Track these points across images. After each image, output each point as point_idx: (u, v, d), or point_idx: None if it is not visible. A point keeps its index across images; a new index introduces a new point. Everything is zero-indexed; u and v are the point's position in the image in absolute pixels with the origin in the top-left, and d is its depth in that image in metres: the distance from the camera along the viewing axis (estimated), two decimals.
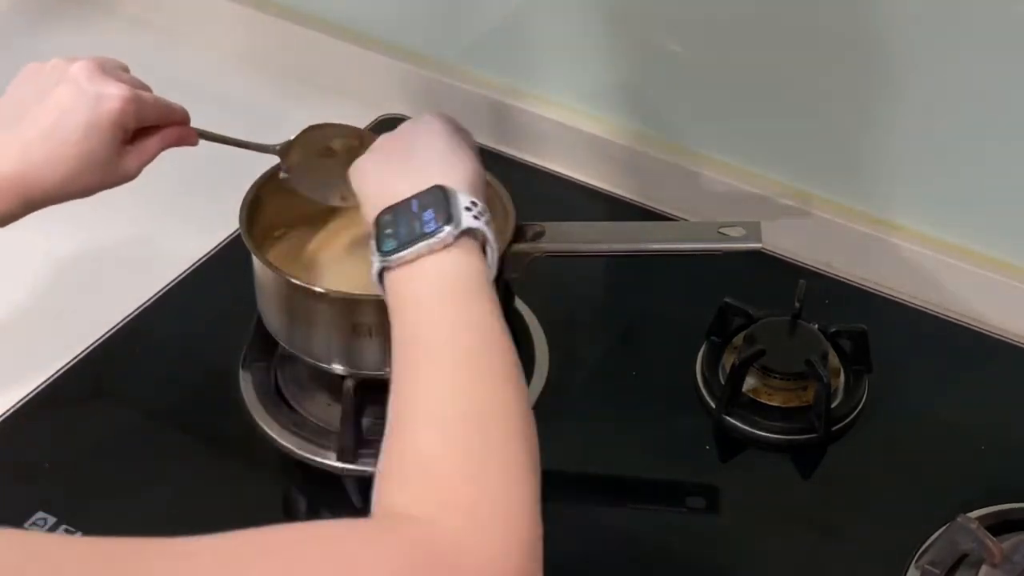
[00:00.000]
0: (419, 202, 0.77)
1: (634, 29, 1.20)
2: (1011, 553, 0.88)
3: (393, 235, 0.76)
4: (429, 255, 0.75)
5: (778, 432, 1.02)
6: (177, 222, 1.21)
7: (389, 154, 0.85)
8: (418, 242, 0.75)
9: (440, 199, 0.77)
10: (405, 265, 0.75)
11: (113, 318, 1.09)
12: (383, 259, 0.76)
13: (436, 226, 0.75)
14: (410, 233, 0.76)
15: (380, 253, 0.76)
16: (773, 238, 1.12)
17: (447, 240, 0.75)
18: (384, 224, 0.77)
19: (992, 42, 1.03)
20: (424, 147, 0.84)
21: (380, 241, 0.76)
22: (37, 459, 0.98)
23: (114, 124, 0.87)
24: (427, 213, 0.76)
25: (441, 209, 0.76)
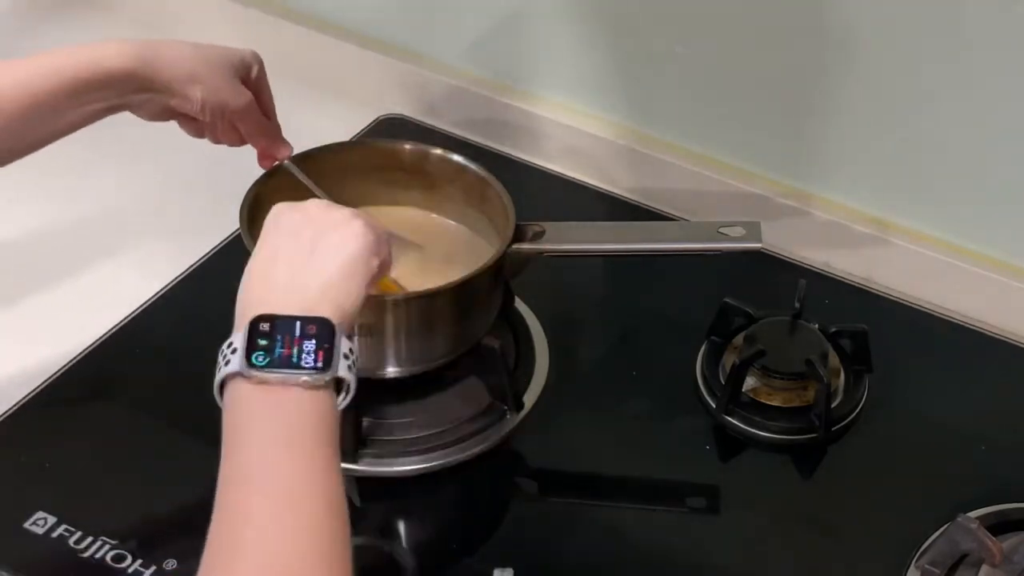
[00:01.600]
0: (302, 328, 0.73)
1: (634, 29, 1.20)
2: (1011, 553, 0.88)
3: (267, 349, 0.71)
4: (294, 387, 0.71)
5: (778, 432, 1.02)
6: (177, 222, 1.21)
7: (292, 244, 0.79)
8: (292, 371, 0.71)
9: (325, 335, 0.73)
10: (265, 385, 0.71)
11: (113, 318, 1.09)
12: (248, 368, 0.71)
13: (312, 363, 0.72)
14: (285, 358, 0.71)
15: (247, 362, 0.71)
16: (773, 238, 1.12)
17: (318, 383, 0.72)
18: (260, 333, 0.72)
19: (992, 44, 1.03)
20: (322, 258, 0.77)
21: (250, 349, 0.71)
22: (37, 459, 0.98)
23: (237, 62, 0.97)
24: (308, 344, 0.72)
25: (323, 347, 0.72)
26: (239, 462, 0.70)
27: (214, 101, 0.95)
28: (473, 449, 0.99)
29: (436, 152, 1.06)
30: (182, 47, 0.94)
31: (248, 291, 0.78)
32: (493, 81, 1.31)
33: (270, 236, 0.80)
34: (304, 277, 0.77)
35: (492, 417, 1.00)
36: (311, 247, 0.78)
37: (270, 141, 1.00)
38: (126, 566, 0.90)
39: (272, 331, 0.73)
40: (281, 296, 0.75)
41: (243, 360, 0.71)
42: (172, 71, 0.93)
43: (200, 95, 0.94)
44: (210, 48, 0.96)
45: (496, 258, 0.96)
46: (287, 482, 0.69)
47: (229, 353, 0.73)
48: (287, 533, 0.67)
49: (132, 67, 0.92)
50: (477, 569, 0.90)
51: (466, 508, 0.99)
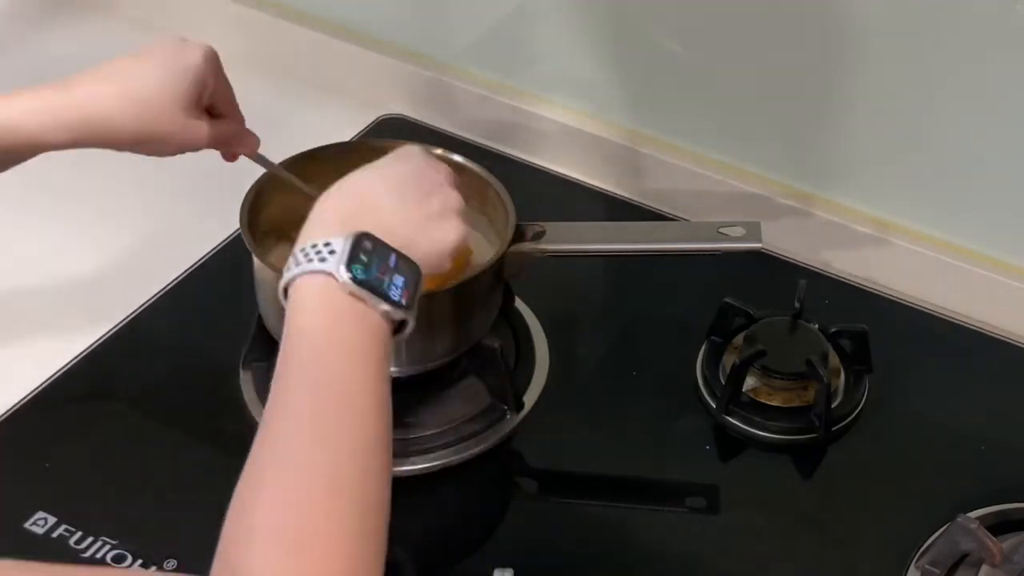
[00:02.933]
0: (397, 263, 0.75)
1: (634, 29, 1.20)
2: (1011, 553, 0.88)
3: (365, 266, 0.73)
4: (374, 310, 0.73)
5: (778, 432, 1.02)
6: (177, 222, 1.21)
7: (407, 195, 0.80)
8: (379, 296, 0.73)
9: (412, 280, 0.75)
10: (351, 297, 0.72)
11: (113, 318, 1.09)
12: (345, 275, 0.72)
13: (398, 297, 0.74)
14: (378, 281, 0.73)
15: (346, 268, 0.72)
16: (773, 238, 1.12)
17: (395, 315, 0.74)
18: (363, 248, 0.73)
19: (992, 43, 1.03)
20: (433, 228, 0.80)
21: (351, 258, 0.72)
22: (37, 459, 0.98)
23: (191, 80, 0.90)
24: (398, 278, 0.74)
25: (408, 288, 0.75)
26: (303, 357, 0.71)
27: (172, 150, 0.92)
28: (473, 449, 0.99)
29: (436, 152, 1.06)
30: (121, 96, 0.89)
31: (350, 200, 0.78)
32: (493, 81, 1.31)
33: (399, 164, 0.82)
34: (409, 225, 0.78)
35: (492, 417, 1.00)
36: (427, 206, 0.80)
37: (237, 144, 0.97)
38: (126, 566, 0.90)
39: (373, 251, 0.74)
40: (384, 224, 0.76)
41: (343, 266, 0.72)
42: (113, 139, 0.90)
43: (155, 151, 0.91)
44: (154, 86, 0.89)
45: (496, 258, 0.96)
46: (349, 389, 0.70)
47: (326, 252, 0.73)
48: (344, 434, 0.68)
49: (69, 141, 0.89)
50: (477, 569, 0.90)
51: (466, 508, 0.99)
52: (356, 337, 0.72)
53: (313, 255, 0.73)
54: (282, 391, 0.70)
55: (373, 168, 0.81)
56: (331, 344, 0.72)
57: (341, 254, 0.72)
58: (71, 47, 1.43)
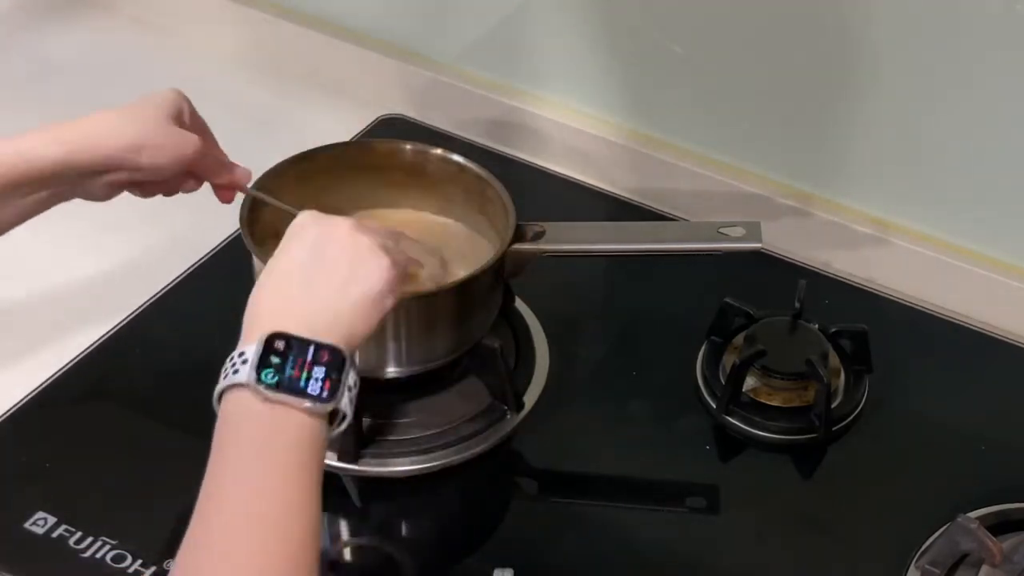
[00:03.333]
0: (315, 354, 0.73)
1: (634, 29, 1.20)
2: (1011, 553, 0.88)
3: (278, 368, 0.71)
4: (296, 410, 0.72)
5: (778, 432, 1.02)
6: (178, 222, 1.20)
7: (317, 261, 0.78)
8: (297, 396, 0.72)
9: (336, 366, 0.74)
10: (267, 403, 0.71)
11: (113, 318, 1.09)
12: (256, 383, 0.71)
13: (319, 391, 0.72)
14: (294, 380, 0.72)
15: (257, 376, 0.71)
16: (773, 238, 1.12)
17: (319, 412, 0.72)
18: (273, 350, 0.72)
19: (992, 43, 1.03)
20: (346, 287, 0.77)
21: (262, 364, 0.71)
22: (37, 459, 0.98)
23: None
24: (318, 370, 0.73)
25: (331, 376, 0.73)
26: (226, 473, 0.71)
27: (164, 159, 0.91)
28: (473, 449, 0.99)
29: (436, 152, 1.06)
30: (111, 118, 0.90)
31: (263, 301, 0.77)
32: (493, 81, 1.31)
33: (294, 247, 0.79)
34: (325, 301, 0.76)
35: (492, 417, 1.00)
36: (336, 272, 0.77)
37: (228, 173, 0.97)
38: (126, 566, 0.90)
39: (286, 351, 0.73)
40: (298, 315, 0.75)
41: (253, 373, 0.71)
42: (109, 146, 0.89)
43: (147, 159, 0.90)
44: (136, 107, 0.91)
45: (496, 258, 0.96)
46: (270, 502, 0.70)
47: (239, 363, 0.72)
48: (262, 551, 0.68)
49: (62, 156, 0.88)
50: (477, 569, 0.90)
51: (466, 508, 0.99)
52: (280, 444, 0.71)
53: (229, 367, 0.73)
54: (203, 504, 0.69)
55: (274, 261, 0.79)
56: (247, 461, 0.71)
57: (252, 362, 0.72)
58: (71, 47, 1.43)
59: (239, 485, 0.70)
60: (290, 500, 0.70)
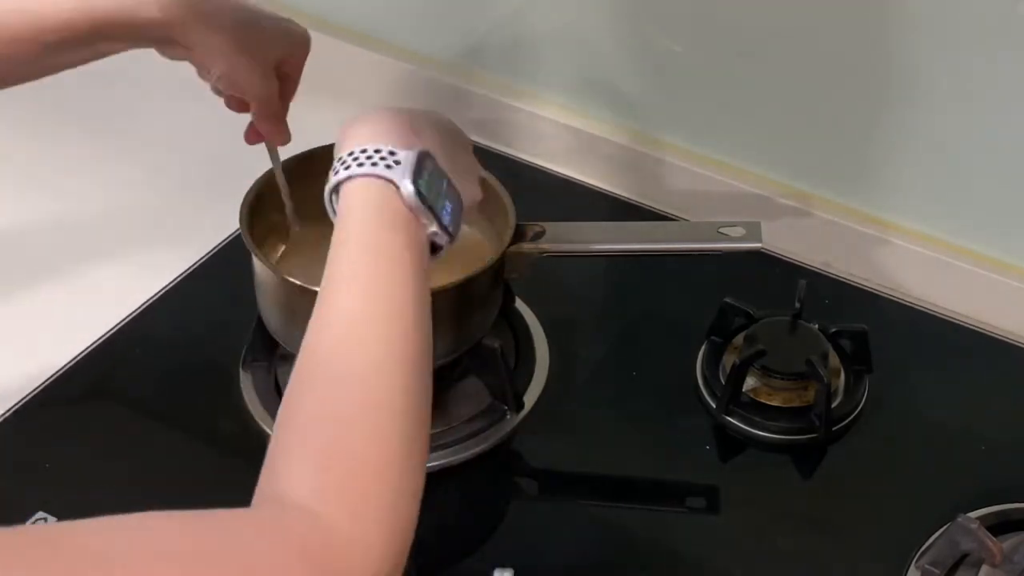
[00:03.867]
0: (447, 189, 0.77)
1: (633, 29, 1.20)
2: (1011, 553, 0.88)
3: (427, 184, 0.74)
4: (425, 228, 0.74)
5: (778, 432, 1.02)
6: (178, 222, 1.21)
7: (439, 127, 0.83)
8: (434, 215, 0.74)
9: (458, 208, 0.78)
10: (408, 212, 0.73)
11: (113, 318, 1.09)
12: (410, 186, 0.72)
13: (447, 223, 0.76)
14: (435, 201, 0.74)
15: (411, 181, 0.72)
16: (773, 238, 1.12)
17: (440, 240, 0.76)
18: (426, 167, 0.74)
19: (991, 42, 1.03)
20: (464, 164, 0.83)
21: (416, 172, 0.73)
22: (37, 459, 0.98)
23: None
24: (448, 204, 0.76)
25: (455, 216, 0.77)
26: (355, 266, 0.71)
27: (230, 82, 0.91)
28: (473, 449, 0.99)
29: None
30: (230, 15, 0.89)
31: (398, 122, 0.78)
32: (493, 81, 1.31)
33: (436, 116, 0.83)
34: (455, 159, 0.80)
35: (492, 417, 1.00)
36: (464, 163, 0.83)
37: (272, 126, 0.97)
38: None
39: (433, 172, 0.75)
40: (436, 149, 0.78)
41: (408, 178, 0.72)
42: (203, 41, 0.88)
43: (218, 71, 0.90)
44: (259, 28, 0.90)
45: (496, 258, 0.96)
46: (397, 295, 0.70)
47: (391, 160, 0.73)
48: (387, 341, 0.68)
49: (167, 21, 0.87)
50: (477, 569, 0.90)
51: (466, 508, 0.99)
52: (407, 249, 0.72)
53: (378, 159, 0.73)
54: (329, 297, 0.69)
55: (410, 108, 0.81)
56: (381, 252, 0.71)
57: (407, 165, 0.72)
58: None
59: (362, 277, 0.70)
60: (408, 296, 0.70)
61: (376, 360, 0.67)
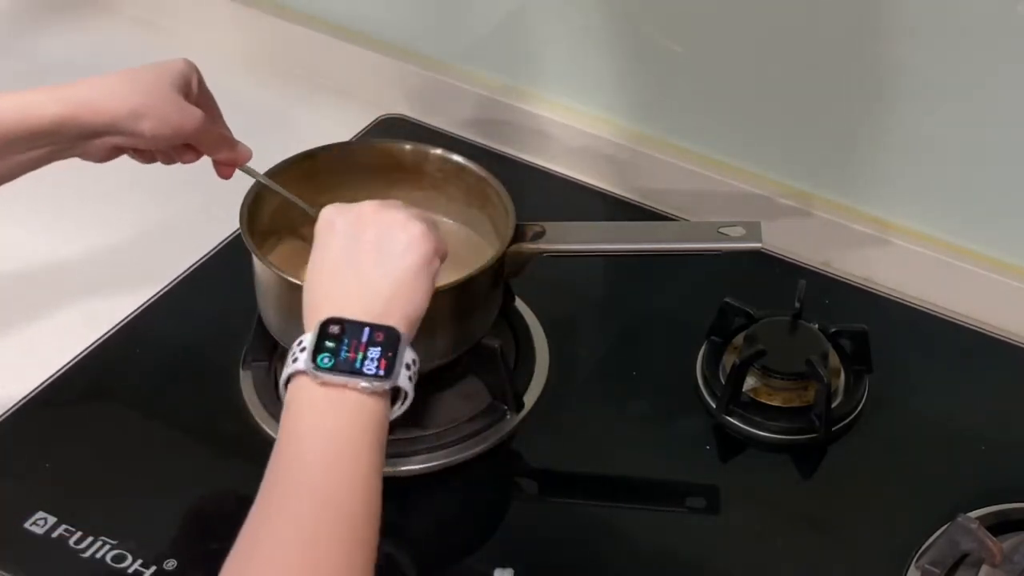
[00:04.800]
0: (370, 335, 0.75)
1: (634, 29, 1.20)
2: (1011, 553, 0.88)
3: (333, 352, 0.74)
4: (354, 392, 0.74)
5: (778, 432, 1.02)
6: (178, 222, 1.21)
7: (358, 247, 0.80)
8: (355, 377, 0.74)
9: (390, 344, 0.75)
10: (329, 387, 0.74)
11: (113, 318, 1.09)
12: (313, 368, 0.73)
13: (375, 370, 0.74)
14: (349, 362, 0.74)
15: (313, 363, 0.73)
16: (773, 238, 1.12)
17: (377, 390, 0.74)
18: (328, 335, 0.75)
19: (991, 42, 1.03)
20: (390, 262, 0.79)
21: (317, 350, 0.74)
22: (37, 459, 0.98)
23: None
24: (373, 351, 0.75)
25: (386, 355, 0.75)
26: (288, 455, 0.72)
27: (166, 131, 0.91)
28: (473, 449, 0.99)
29: (436, 152, 1.06)
30: (116, 82, 0.90)
31: (317, 291, 0.79)
32: (493, 81, 1.32)
33: (330, 240, 0.81)
34: (375, 282, 0.79)
35: (492, 417, 1.00)
36: (376, 252, 0.79)
37: (228, 150, 0.97)
38: (126, 566, 0.90)
39: (340, 334, 0.75)
40: (353, 299, 0.77)
41: (309, 360, 0.74)
42: (111, 111, 0.89)
43: (149, 129, 0.90)
44: (143, 73, 0.91)
45: (496, 258, 0.96)
46: (332, 484, 0.71)
47: (298, 351, 0.75)
48: (322, 532, 0.69)
49: (63, 115, 0.88)
50: (477, 569, 0.90)
51: (466, 508, 0.99)
52: (341, 428, 0.73)
53: (290, 356, 0.75)
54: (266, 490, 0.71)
55: (317, 256, 0.81)
56: (310, 443, 0.73)
57: (308, 348, 0.74)
58: (71, 47, 1.43)
59: (300, 467, 0.72)
60: (351, 479, 0.72)
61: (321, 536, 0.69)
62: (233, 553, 0.69)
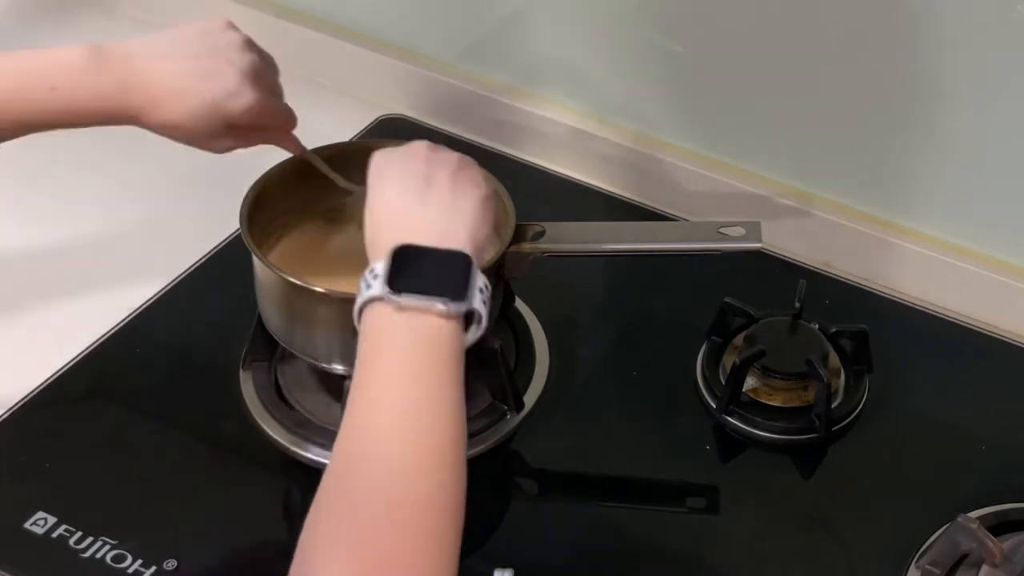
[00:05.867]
0: (441, 260, 0.77)
1: (634, 29, 1.20)
2: (1011, 553, 0.88)
3: (408, 276, 0.74)
4: (431, 315, 0.74)
5: (778, 432, 1.02)
6: (177, 222, 1.21)
7: (419, 183, 0.82)
8: (432, 299, 0.74)
9: (461, 270, 0.76)
10: (406, 311, 0.74)
11: (113, 318, 1.09)
12: (389, 293, 0.74)
13: (451, 294, 0.75)
14: (427, 285, 0.74)
15: (389, 288, 0.74)
16: (773, 238, 1.12)
17: (452, 312, 0.75)
18: (405, 260, 0.75)
19: (995, 45, 1.03)
20: (456, 193, 0.81)
21: (395, 275, 0.74)
22: (37, 459, 0.98)
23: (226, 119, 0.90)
24: (446, 274, 0.76)
25: (460, 280, 0.76)
26: (370, 381, 0.73)
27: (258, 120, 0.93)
28: (473, 449, 0.98)
29: None
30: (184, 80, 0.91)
31: (381, 223, 0.80)
32: (493, 81, 1.31)
33: (389, 179, 0.82)
34: (439, 211, 0.80)
35: (492, 417, 1.00)
36: (440, 186, 0.81)
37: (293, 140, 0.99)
38: (126, 566, 0.90)
39: (413, 260, 0.75)
40: (419, 227, 0.78)
41: (385, 285, 0.74)
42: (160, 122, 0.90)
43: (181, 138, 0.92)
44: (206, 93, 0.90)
45: (496, 258, 0.96)
46: (414, 405, 0.71)
47: (371, 279, 0.75)
48: (412, 453, 0.69)
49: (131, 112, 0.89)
50: (477, 569, 0.90)
51: (466, 508, 0.99)
52: (420, 353, 0.73)
53: (363, 285, 0.75)
54: (351, 419, 0.71)
55: (377, 194, 0.82)
56: (389, 366, 0.73)
57: (383, 275, 0.75)
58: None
59: (383, 391, 0.72)
60: (432, 401, 0.72)
61: (409, 457, 0.69)
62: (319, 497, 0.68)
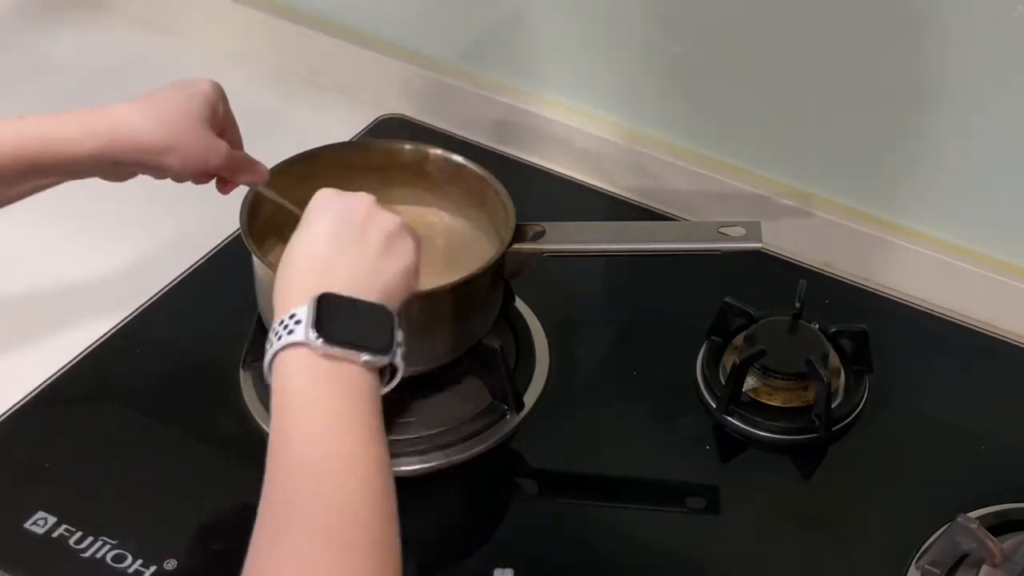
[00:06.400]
0: (367, 312, 0.76)
1: (634, 29, 1.20)
2: (1011, 553, 0.88)
3: (338, 324, 0.73)
4: (355, 364, 0.73)
5: (778, 432, 1.02)
6: (178, 222, 1.20)
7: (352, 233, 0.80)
8: (356, 347, 0.73)
9: (384, 322, 0.76)
10: (332, 360, 0.73)
11: (113, 318, 1.09)
12: (315, 339, 0.72)
13: (376, 347, 0.74)
14: (350, 334, 0.74)
15: (316, 331, 0.72)
16: (773, 238, 1.12)
17: (377, 363, 0.74)
18: (326, 308, 0.74)
19: (994, 45, 1.03)
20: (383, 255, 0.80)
21: (318, 320, 0.73)
22: (37, 459, 0.98)
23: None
24: (370, 326, 0.75)
25: (383, 332, 0.75)
26: (295, 426, 0.72)
27: (192, 166, 0.92)
28: (473, 449, 0.99)
29: (436, 152, 1.06)
30: (145, 113, 0.90)
31: (298, 268, 0.79)
32: (493, 81, 1.32)
33: (322, 219, 0.81)
34: (362, 265, 0.79)
35: (492, 417, 1.00)
36: (369, 241, 0.80)
37: (248, 173, 0.97)
38: (126, 566, 0.90)
39: (338, 308, 0.75)
40: (339, 277, 0.77)
41: (311, 331, 0.73)
42: (141, 147, 0.89)
43: (176, 164, 0.91)
44: (172, 103, 0.91)
45: (496, 258, 0.96)
46: (344, 446, 0.71)
47: (292, 324, 0.74)
48: (344, 491, 0.69)
49: (95, 152, 0.89)
50: (477, 569, 0.90)
51: (466, 508, 0.99)
52: (342, 399, 0.73)
53: (282, 331, 0.74)
54: (275, 468, 0.71)
55: (302, 233, 0.81)
56: (316, 414, 0.72)
57: (307, 320, 0.73)
58: (71, 47, 1.43)
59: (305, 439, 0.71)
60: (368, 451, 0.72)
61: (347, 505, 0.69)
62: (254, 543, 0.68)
